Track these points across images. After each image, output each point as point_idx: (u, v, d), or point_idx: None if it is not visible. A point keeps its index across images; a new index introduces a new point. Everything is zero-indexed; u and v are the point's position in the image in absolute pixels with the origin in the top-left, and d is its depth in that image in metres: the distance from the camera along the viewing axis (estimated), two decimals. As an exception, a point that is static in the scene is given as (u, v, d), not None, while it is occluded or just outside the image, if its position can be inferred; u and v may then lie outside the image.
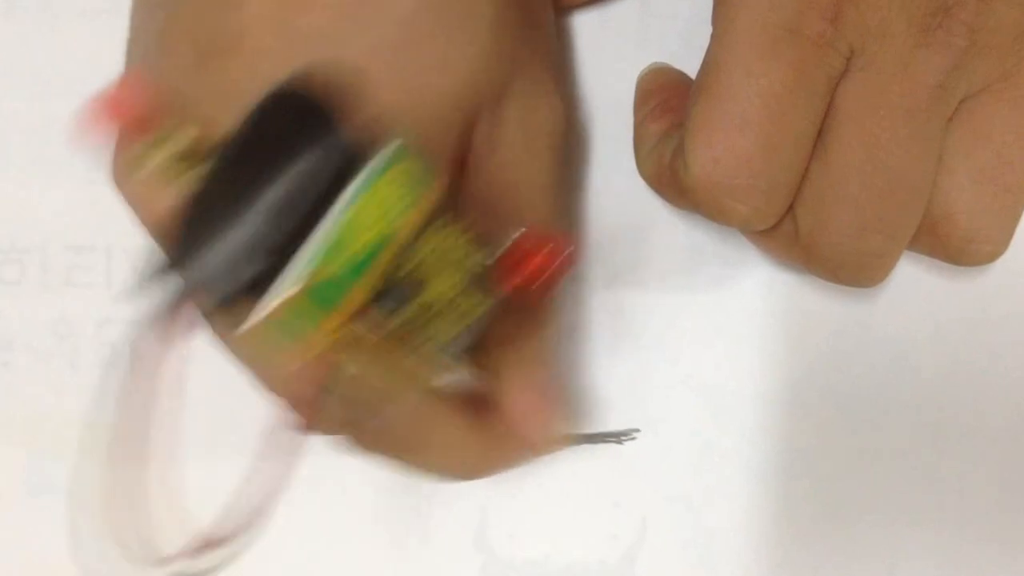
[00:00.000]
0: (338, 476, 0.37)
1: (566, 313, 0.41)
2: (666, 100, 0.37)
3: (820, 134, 0.32)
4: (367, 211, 0.21)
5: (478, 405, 0.35)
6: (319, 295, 0.21)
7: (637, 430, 0.40)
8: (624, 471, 0.40)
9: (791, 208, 0.33)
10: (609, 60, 0.40)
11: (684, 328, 0.40)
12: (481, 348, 0.34)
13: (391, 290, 0.23)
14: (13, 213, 0.40)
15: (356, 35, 0.30)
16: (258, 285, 0.21)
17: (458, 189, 0.33)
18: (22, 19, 0.41)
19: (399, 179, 0.21)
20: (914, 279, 0.40)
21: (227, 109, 0.30)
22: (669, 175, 0.35)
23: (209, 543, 0.25)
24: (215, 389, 0.39)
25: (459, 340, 0.27)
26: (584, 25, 0.40)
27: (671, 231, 0.40)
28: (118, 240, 0.39)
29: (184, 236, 0.21)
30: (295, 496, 0.40)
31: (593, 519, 0.41)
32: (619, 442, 0.40)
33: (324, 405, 0.26)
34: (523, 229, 0.27)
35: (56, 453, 0.41)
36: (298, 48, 0.30)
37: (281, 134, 0.21)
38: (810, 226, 0.33)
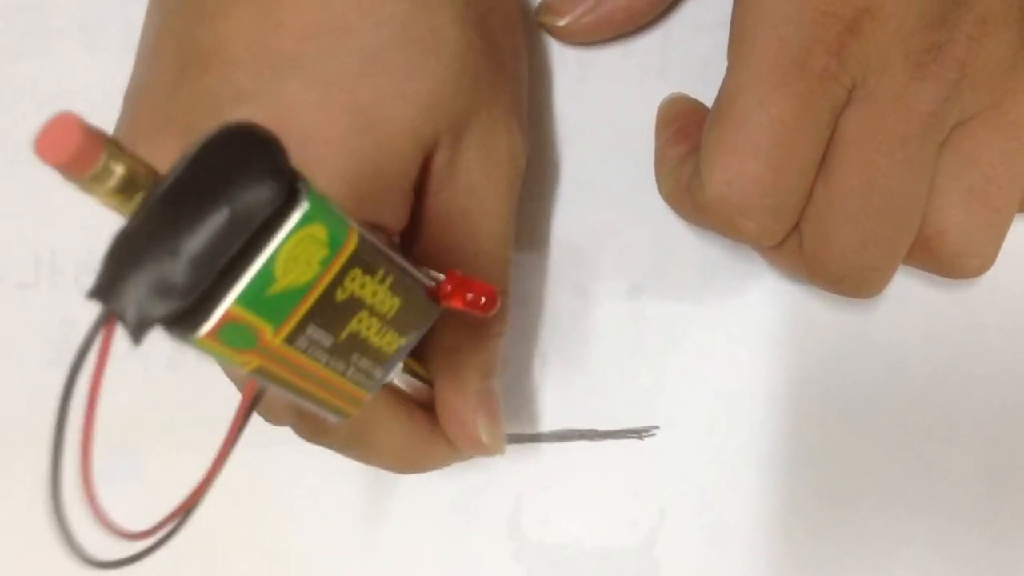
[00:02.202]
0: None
1: (591, 320, 0.41)
2: (684, 126, 0.37)
3: (824, 158, 0.32)
4: (281, 265, 0.20)
5: (422, 406, 0.35)
6: (230, 335, 0.21)
7: (656, 426, 0.40)
8: (644, 464, 0.41)
9: (797, 225, 0.34)
10: (633, 89, 0.40)
11: (699, 334, 0.41)
12: (423, 356, 0.34)
13: (307, 332, 0.22)
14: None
15: (322, 59, 0.30)
16: (176, 320, 0.20)
17: (413, 209, 0.33)
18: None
19: (314, 237, 0.21)
20: (909, 290, 0.40)
21: (201, 115, 0.30)
22: (686, 194, 0.35)
23: (139, 532, 0.25)
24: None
25: (378, 372, 0.26)
26: (610, 57, 0.41)
27: (687, 245, 0.40)
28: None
29: (111, 264, 0.20)
30: (336, 486, 0.41)
31: (616, 507, 0.41)
32: (640, 438, 0.40)
33: (259, 405, 0.26)
34: (443, 276, 0.27)
35: (122, 445, 0.42)
36: (267, 64, 0.30)
37: (219, 177, 0.20)
38: (814, 242, 0.33)
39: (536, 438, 0.41)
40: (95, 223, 0.36)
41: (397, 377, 0.32)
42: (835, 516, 0.40)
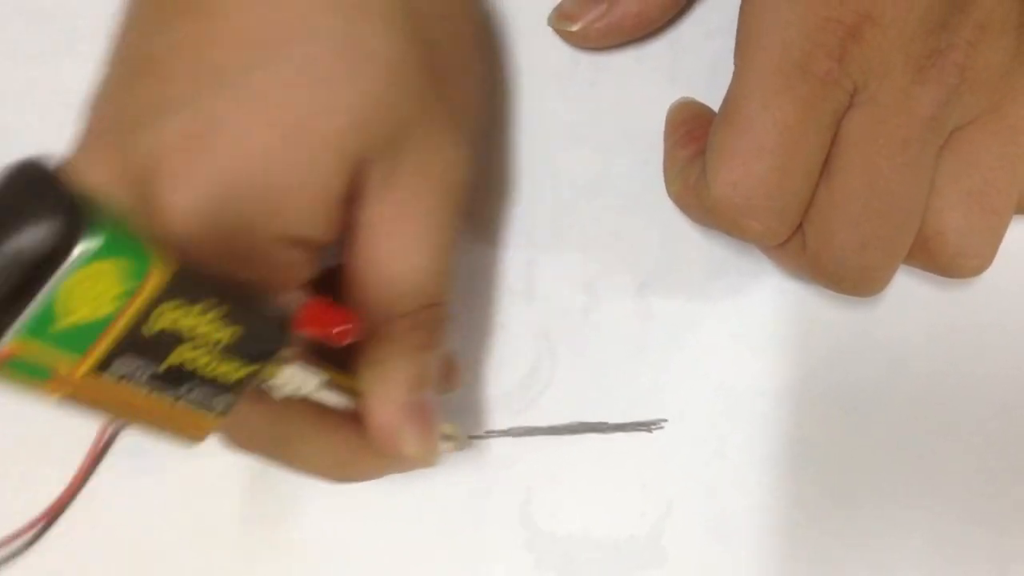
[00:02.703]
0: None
1: (600, 317, 0.41)
2: (692, 130, 0.37)
3: (827, 161, 0.33)
4: (75, 295, 0.20)
5: (350, 416, 0.34)
6: (25, 367, 0.20)
7: (665, 419, 0.40)
8: (652, 457, 0.40)
9: (800, 226, 0.34)
10: (643, 92, 0.40)
11: (705, 331, 0.41)
12: (350, 367, 0.33)
13: (123, 359, 0.22)
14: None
15: (254, 71, 0.30)
16: None
17: (345, 222, 0.32)
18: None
19: (111, 266, 0.20)
20: (909, 290, 0.40)
21: (133, 125, 0.30)
22: (693, 195, 0.35)
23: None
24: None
25: (224, 399, 0.26)
26: (622, 61, 0.41)
27: (694, 245, 0.40)
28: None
29: None
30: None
31: (624, 499, 0.41)
32: (649, 430, 0.40)
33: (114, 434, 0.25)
34: (306, 301, 0.27)
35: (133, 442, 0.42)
36: (202, 76, 0.30)
37: (3, 212, 0.19)
38: (817, 242, 0.33)
39: (547, 431, 0.41)
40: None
41: (323, 392, 0.31)
42: (838, 511, 0.40)
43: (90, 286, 0.20)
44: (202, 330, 0.23)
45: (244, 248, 0.30)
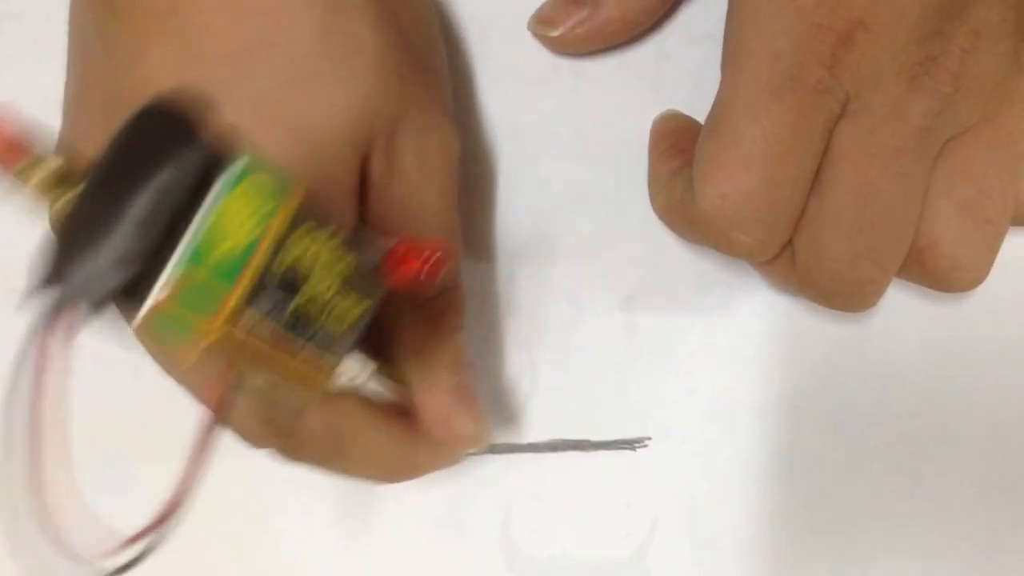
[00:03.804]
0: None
1: (583, 331, 0.40)
2: (676, 143, 0.37)
3: (818, 172, 0.32)
4: (225, 221, 0.21)
5: (401, 413, 0.35)
6: (189, 300, 0.21)
7: (649, 437, 0.40)
8: (636, 475, 0.40)
9: (790, 239, 0.33)
10: (626, 100, 0.40)
11: (691, 346, 0.40)
12: (392, 359, 0.34)
13: (265, 293, 0.22)
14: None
15: (247, 80, 0.30)
16: (132, 292, 0.20)
17: (357, 217, 0.33)
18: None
19: (253, 190, 0.21)
20: (902, 303, 0.40)
21: None
22: (679, 209, 0.35)
23: (127, 541, 0.24)
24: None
25: (342, 340, 0.26)
26: (604, 67, 0.40)
27: (680, 257, 0.40)
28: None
29: (57, 252, 0.20)
30: (323, 498, 0.41)
31: (608, 518, 0.40)
32: (632, 448, 0.40)
33: (233, 403, 0.25)
34: (397, 238, 0.27)
35: (119, 454, 0.42)
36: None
37: (145, 150, 0.20)
38: (807, 256, 0.33)
39: (528, 448, 0.40)
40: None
41: (373, 382, 0.32)
42: (828, 531, 0.40)
43: (238, 209, 0.21)
44: (326, 258, 0.24)
45: None
